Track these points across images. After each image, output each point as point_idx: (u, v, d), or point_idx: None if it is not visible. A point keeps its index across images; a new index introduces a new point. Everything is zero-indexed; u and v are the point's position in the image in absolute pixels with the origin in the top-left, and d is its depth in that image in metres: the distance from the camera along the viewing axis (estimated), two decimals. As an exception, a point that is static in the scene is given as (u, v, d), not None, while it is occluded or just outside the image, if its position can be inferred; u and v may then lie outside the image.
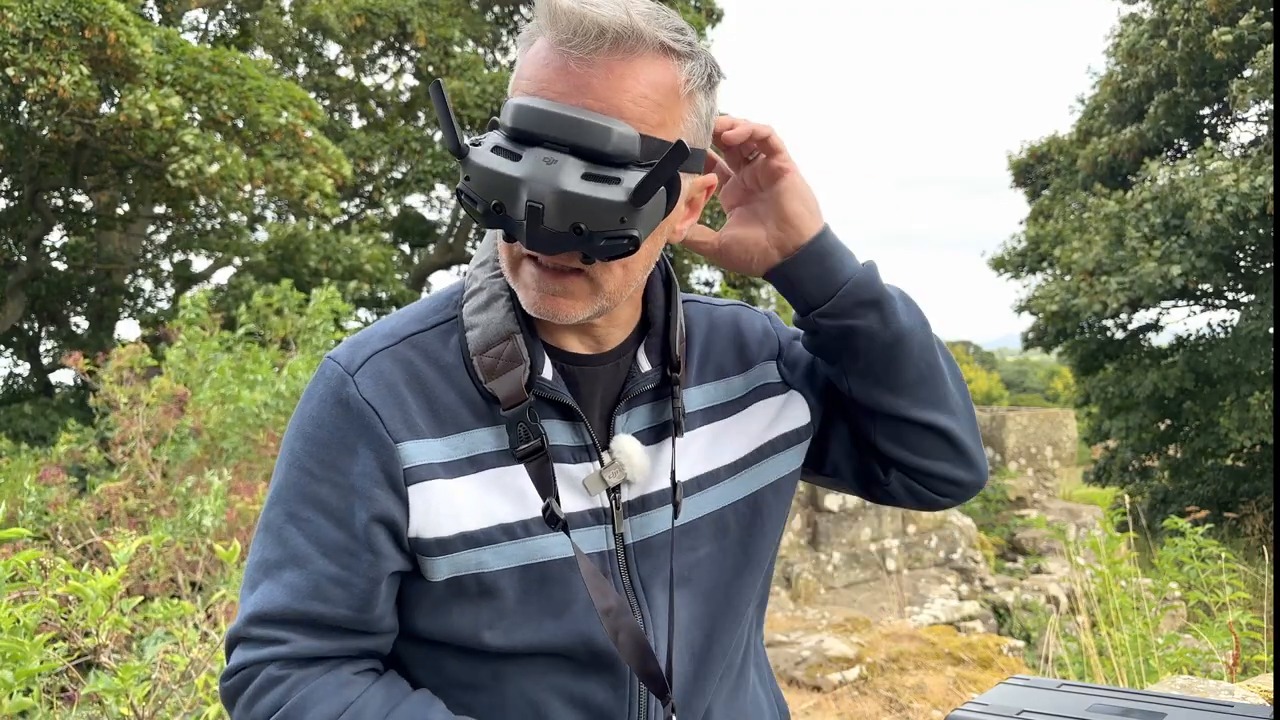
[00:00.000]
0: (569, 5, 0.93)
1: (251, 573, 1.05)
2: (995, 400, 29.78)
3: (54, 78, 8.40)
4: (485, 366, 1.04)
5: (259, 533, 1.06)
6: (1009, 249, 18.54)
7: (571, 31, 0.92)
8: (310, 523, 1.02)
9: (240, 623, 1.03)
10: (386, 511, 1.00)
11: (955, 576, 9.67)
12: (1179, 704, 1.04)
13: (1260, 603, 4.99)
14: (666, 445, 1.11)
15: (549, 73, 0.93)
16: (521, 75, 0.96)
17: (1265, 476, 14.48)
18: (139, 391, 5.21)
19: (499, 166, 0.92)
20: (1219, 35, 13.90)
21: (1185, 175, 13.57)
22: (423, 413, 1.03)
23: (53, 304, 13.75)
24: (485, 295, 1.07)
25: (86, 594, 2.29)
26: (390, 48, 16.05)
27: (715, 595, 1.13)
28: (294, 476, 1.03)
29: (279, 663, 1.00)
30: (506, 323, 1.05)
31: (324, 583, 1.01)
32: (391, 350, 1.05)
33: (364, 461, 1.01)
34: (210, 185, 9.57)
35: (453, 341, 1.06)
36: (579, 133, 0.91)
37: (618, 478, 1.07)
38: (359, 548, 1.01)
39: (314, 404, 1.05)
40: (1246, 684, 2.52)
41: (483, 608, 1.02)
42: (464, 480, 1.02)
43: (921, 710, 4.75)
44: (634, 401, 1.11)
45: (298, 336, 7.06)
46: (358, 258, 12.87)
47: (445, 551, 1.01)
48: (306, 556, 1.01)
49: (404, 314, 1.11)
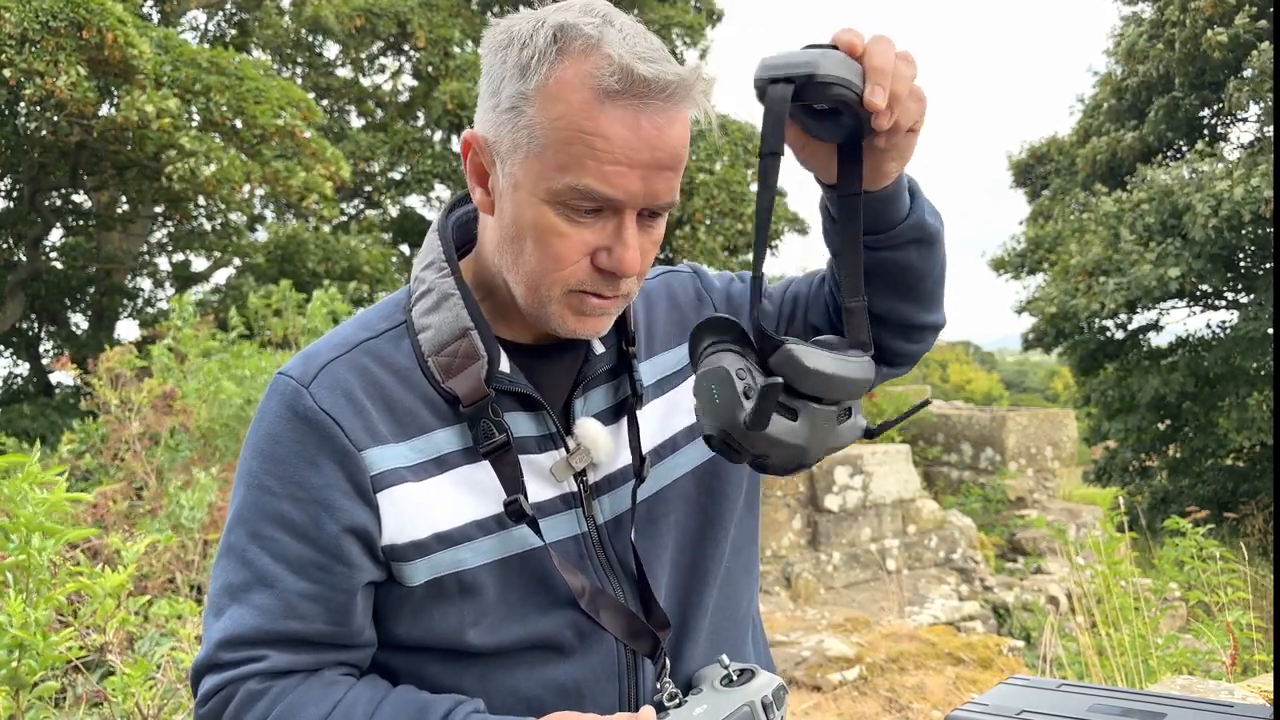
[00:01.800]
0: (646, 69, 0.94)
1: (216, 599, 1.02)
2: (995, 400, 29.76)
3: (51, 79, 8.38)
4: (441, 366, 1.04)
5: (220, 558, 1.04)
6: (1009, 250, 18.55)
7: (646, 87, 0.94)
8: (275, 541, 1.00)
9: (208, 650, 1.00)
10: (357, 521, 1.00)
11: (955, 576, 9.66)
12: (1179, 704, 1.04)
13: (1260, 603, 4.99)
14: (624, 422, 1.13)
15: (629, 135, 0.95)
16: (588, 131, 0.94)
17: (1265, 476, 14.47)
18: (130, 394, 5.21)
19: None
20: (1214, 36, 13.91)
21: (1179, 178, 13.56)
22: (383, 418, 1.02)
23: (53, 304, 13.74)
24: (435, 296, 1.07)
25: (95, 592, 2.30)
26: (390, 48, 16.05)
27: (685, 559, 1.15)
28: (254, 496, 1.02)
29: (258, 677, 0.99)
30: (460, 320, 1.05)
31: (296, 600, 0.99)
32: (345, 358, 1.05)
33: (327, 473, 1.00)
34: (208, 187, 9.56)
35: (405, 345, 1.07)
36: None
37: (584, 462, 1.08)
38: (329, 561, 0.99)
39: (269, 420, 1.03)
40: (1246, 684, 2.52)
41: (465, 607, 1.02)
42: (432, 482, 1.02)
43: (921, 710, 4.75)
44: (590, 384, 1.12)
45: (298, 337, 7.05)
46: (357, 258, 12.87)
47: (422, 554, 1.00)
48: (274, 576, 0.99)
49: (351, 324, 1.11)
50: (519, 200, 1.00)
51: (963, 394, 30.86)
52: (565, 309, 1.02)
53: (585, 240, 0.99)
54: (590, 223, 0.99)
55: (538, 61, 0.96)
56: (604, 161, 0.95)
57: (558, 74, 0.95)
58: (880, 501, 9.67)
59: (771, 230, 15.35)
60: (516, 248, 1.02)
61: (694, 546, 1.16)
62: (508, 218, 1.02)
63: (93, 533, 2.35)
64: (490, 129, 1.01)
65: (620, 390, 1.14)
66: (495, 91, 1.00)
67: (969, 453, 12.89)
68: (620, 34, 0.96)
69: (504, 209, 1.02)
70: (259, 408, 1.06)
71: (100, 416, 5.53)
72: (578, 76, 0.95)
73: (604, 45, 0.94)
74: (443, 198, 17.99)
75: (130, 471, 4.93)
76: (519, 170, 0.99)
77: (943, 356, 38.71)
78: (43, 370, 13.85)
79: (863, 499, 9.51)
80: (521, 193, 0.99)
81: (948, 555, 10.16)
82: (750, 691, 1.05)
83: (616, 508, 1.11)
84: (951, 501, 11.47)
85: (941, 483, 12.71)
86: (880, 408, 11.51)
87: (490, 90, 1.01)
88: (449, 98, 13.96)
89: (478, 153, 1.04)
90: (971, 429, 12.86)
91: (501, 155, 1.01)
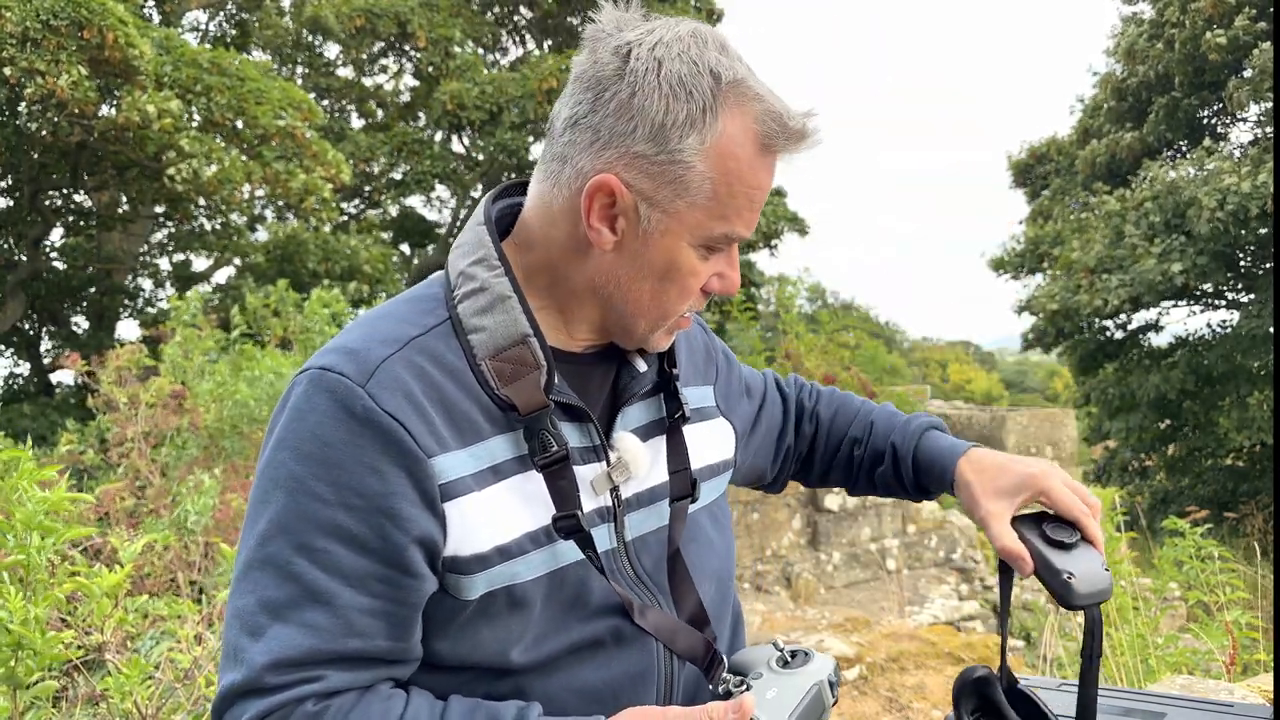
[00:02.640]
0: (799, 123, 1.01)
1: (250, 616, 0.93)
2: (995, 400, 29.75)
3: (52, 78, 8.38)
4: (497, 371, 1.00)
5: (251, 570, 0.94)
6: (1008, 250, 18.55)
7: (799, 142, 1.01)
8: (327, 554, 0.92)
9: (250, 672, 0.91)
10: (425, 532, 0.94)
11: (955, 576, 9.66)
12: (1179, 704, 1.04)
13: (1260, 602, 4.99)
14: (657, 441, 1.14)
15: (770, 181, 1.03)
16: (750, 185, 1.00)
17: (1265, 476, 14.46)
18: (137, 392, 5.21)
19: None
20: (1214, 37, 13.90)
21: (1185, 175, 13.56)
22: (444, 423, 0.97)
23: (53, 304, 13.73)
24: (489, 297, 1.02)
25: (93, 591, 2.29)
26: (390, 48, 16.04)
27: (713, 581, 1.18)
28: (299, 504, 0.93)
29: (314, 699, 0.91)
30: (519, 326, 1.01)
31: (356, 617, 0.93)
32: (399, 356, 0.98)
33: (392, 481, 0.93)
34: (208, 188, 9.55)
35: (454, 344, 1.01)
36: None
37: (624, 476, 1.08)
38: (394, 574, 0.94)
39: (314, 420, 0.94)
40: (1246, 684, 2.52)
41: (512, 622, 0.99)
42: (490, 491, 0.99)
43: (921, 710, 4.74)
44: (632, 400, 1.12)
45: (297, 337, 7.05)
46: (357, 258, 12.86)
47: (484, 567, 0.97)
48: (330, 592, 0.92)
49: (388, 316, 1.04)
50: (666, 245, 1.01)
51: (963, 394, 30.86)
52: (665, 332, 1.09)
53: (708, 271, 1.05)
54: (715, 258, 1.05)
55: (701, 114, 0.96)
56: (755, 208, 1.01)
57: (723, 125, 0.97)
58: (880, 501, 9.66)
59: (771, 230, 15.36)
60: (658, 288, 1.03)
61: (717, 570, 1.20)
62: (640, 258, 1.02)
63: (92, 531, 2.34)
64: (635, 175, 0.98)
65: (657, 410, 1.16)
66: (652, 135, 0.96)
67: (969, 453, 12.88)
68: (753, 75, 1.01)
69: (637, 250, 1.01)
70: (292, 405, 0.97)
71: (103, 415, 5.54)
72: (743, 131, 0.98)
73: (758, 94, 0.99)
74: (443, 198, 17.98)
75: (134, 470, 4.93)
76: (672, 219, 1.00)
77: (943, 356, 38.70)
78: (43, 370, 13.85)
79: (862, 499, 9.50)
80: (672, 238, 1.01)
81: (948, 555, 10.15)
82: (816, 672, 1.05)
83: (646, 525, 1.11)
84: (951, 501, 11.45)
85: (941, 482, 12.71)
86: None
87: (638, 129, 0.97)
88: (449, 98, 13.95)
89: (618, 200, 0.99)
90: (971, 429, 12.85)
91: (651, 201, 0.99)
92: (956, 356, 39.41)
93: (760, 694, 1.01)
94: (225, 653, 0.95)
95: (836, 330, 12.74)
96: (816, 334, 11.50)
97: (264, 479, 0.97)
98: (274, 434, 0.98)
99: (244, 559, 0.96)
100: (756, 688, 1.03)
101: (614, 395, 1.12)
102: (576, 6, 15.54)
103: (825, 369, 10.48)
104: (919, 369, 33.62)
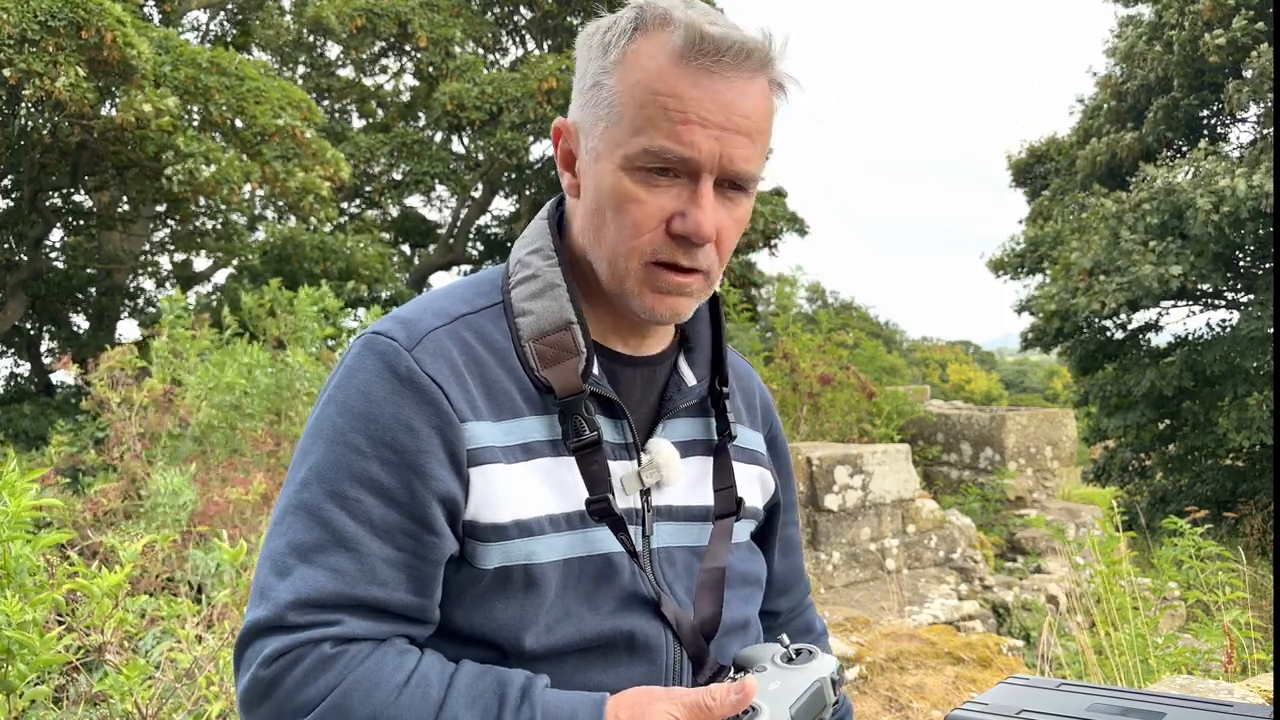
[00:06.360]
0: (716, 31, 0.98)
1: (280, 558, 0.96)
2: (995, 400, 29.76)
3: (50, 79, 8.37)
4: (539, 354, 1.04)
5: (287, 514, 0.98)
6: (1008, 250, 18.55)
7: (715, 46, 0.98)
8: (359, 503, 0.96)
9: (274, 609, 0.93)
10: (449, 491, 0.98)
11: (955, 576, 9.66)
12: (1179, 704, 1.04)
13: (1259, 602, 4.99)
14: (698, 461, 1.14)
15: (699, 94, 0.98)
16: (660, 91, 0.98)
17: (1264, 476, 14.47)
18: (130, 394, 5.21)
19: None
20: (1212, 39, 13.91)
21: (1182, 178, 13.56)
22: (481, 395, 1.01)
23: (53, 304, 13.73)
24: (540, 283, 1.07)
25: (93, 591, 2.29)
26: (391, 48, 16.05)
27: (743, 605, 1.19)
28: (338, 454, 0.97)
29: (331, 641, 0.93)
30: (564, 312, 1.05)
31: (379, 565, 0.95)
32: (447, 329, 1.04)
33: (424, 439, 0.97)
34: (207, 188, 9.55)
35: (502, 325, 1.06)
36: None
37: (654, 479, 1.09)
38: (418, 529, 0.97)
39: (362, 377, 0.99)
40: (1246, 684, 2.52)
41: (527, 602, 1.01)
42: (518, 467, 1.01)
43: (921, 710, 4.75)
44: (677, 412, 1.13)
45: (291, 335, 7.05)
46: (354, 258, 12.87)
47: (500, 538, 0.99)
48: (355, 539, 0.95)
49: (445, 295, 1.09)
50: (599, 171, 1.02)
51: (962, 394, 30.86)
52: (644, 286, 1.03)
53: (661, 206, 1.00)
54: (667, 187, 1.00)
55: (617, 38, 1.00)
56: (675, 121, 0.97)
57: (635, 46, 0.99)
58: (880, 501, 9.66)
59: (771, 229, 15.36)
60: (598, 220, 1.03)
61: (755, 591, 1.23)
62: (590, 192, 1.04)
63: (68, 536, 2.33)
64: (576, 111, 1.05)
65: (700, 431, 1.16)
66: (582, 75, 1.04)
67: (968, 452, 12.89)
68: (697, 9, 1.00)
69: (587, 185, 1.05)
70: (345, 364, 1.02)
71: (100, 416, 5.54)
72: (652, 44, 0.99)
73: (676, 14, 0.98)
74: (443, 198, 17.98)
75: (130, 471, 4.93)
76: (599, 142, 1.01)
77: (942, 356, 38.70)
78: (43, 370, 13.85)
79: (862, 499, 9.50)
80: (601, 163, 1.02)
81: (947, 555, 10.15)
82: (819, 669, 1.05)
83: (677, 539, 1.12)
84: (951, 501, 11.46)
85: (941, 482, 12.71)
86: (879, 407, 11.51)
87: (578, 76, 1.05)
88: (449, 98, 13.95)
89: (566, 138, 1.07)
90: (971, 429, 12.85)
91: (585, 131, 1.04)
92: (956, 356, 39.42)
93: (763, 685, 1.02)
94: (254, 592, 0.98)
95: (834, 330, 12.75)
96: (814, 334, 11.50)
97: (310, 431, 1.02)
98: (326, 391, 1.03)
99: (282, 504, 1.00)
100: (760, 680, 1.03)
101: (659, 406, 1.14)
102: (576, 6, 15.54)
103: (822, 368, 10.49)
104: (918, 369, 33.61)
